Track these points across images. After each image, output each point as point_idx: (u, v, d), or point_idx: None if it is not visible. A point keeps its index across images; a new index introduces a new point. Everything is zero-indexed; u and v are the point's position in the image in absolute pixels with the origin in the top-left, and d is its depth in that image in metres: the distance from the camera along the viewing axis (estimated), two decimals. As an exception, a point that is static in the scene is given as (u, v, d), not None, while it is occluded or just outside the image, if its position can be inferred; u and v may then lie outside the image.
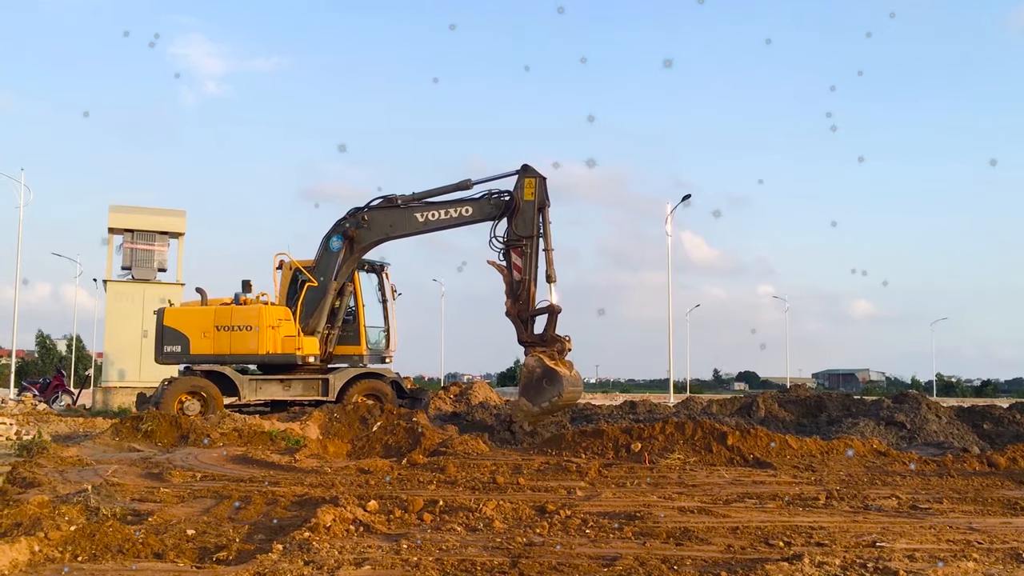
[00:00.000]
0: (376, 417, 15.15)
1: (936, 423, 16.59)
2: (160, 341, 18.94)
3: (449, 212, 18.43)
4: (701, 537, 6.70)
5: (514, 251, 17.86)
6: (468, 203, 18.39)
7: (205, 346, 18.86)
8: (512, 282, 17.73)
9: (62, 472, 10.14)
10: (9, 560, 5.31)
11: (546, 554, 5.98)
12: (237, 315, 18.97)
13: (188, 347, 18.85)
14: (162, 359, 19.03)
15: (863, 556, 5.96)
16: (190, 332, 18.94)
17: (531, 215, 17.88)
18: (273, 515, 7.57)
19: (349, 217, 18.95)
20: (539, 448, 13.52)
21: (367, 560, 5.68)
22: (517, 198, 17.86)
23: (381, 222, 18.78)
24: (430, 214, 18.49)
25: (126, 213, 26.44)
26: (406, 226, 18.74)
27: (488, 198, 18.26)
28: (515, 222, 17.82)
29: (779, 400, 19.94)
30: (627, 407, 20.18)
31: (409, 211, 18.58)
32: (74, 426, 18.50)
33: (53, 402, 27.50)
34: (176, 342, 18.86)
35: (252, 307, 19.01)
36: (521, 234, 17.77)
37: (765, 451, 12.52)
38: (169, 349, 18.88)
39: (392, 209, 18.67)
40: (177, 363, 19.55)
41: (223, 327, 18.90)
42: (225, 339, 18.87)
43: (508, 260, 17.88)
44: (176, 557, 5.81)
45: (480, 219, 18.36)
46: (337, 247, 18.96)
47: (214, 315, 19.03)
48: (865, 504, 8.61)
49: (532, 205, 17.87)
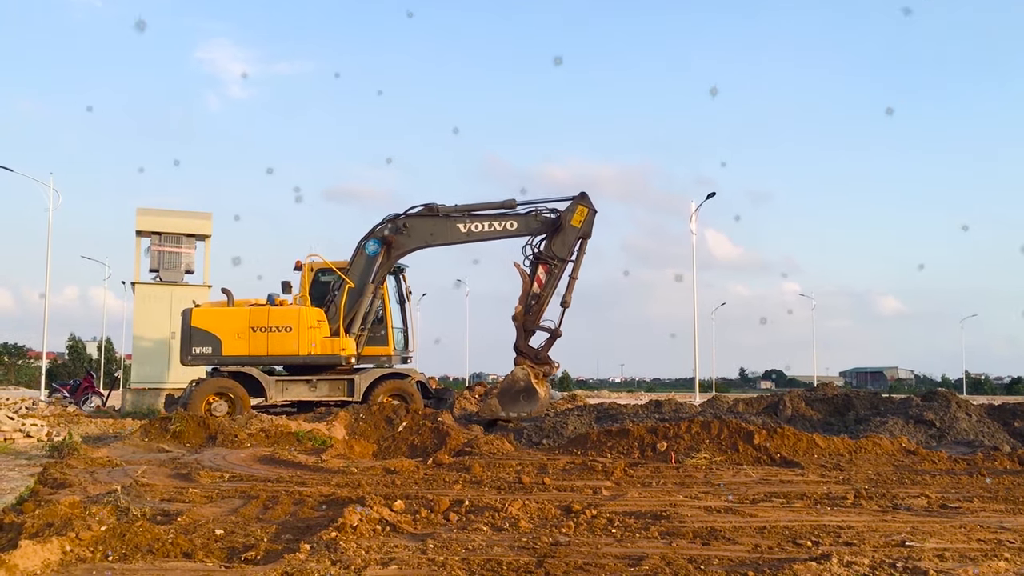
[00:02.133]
0: (402, 417, 15.21)
1: (966, 421, 16.40)
2: (188, 342, 18.86)
3: (493, 225, 19.06)
4: (728, 537, 6.67)
5: (543, 265, 18.65)
6: (513, 217, 19.09)
7: (239, 347, 18.86)
8: (530, 291, 18.51)
9: (92, 473, 10.25)
10: (41, 560, 5.37)
11: (572, 554, 5.97)
12: (275, 316, 19.04)
13: (220, 348, 18.80)
14: (190, 360, 18.94)
15: (892, 556, 5.91)
16: (222, 333, 18.88)
17: (572, 240, 18.72)
18: (300, 515, 7.62)
19: (388, 223, 19.29)
20: (564, 448, 13.52)
21: (394, 560, 5.70)
22: (564, 220, 18.67)
23: (422, 230, 19.20)
24: (473, 225, 19.05)
25: (153, 216, 26.66)
26: (447, 235, 19.24)
27: (535, 215, 19.03)
28: (555, 241, 18.65)
29: (806, 399, 19.77)
30: (652, 406, 20.07)
31: (451, 221, 19.10)
32: (104, 427, 18.69)
33: (83, 403, 27.83)
34: (206, 343, 18.79)
35: (291, 308, 19.16)
36: (557, 254, 18.60)
37: (792, 450, 12.44)
38: (198, 351, 18.79)
39: (433, 218, 19.14)
40: (207, 365, 19.36)
41: (260, 328, 18.91)
42: (262, 340, 18.91)
43: (533, 271, 18.59)
44: (205, 557, 5.86)
45: (524, 234, 19.07)
46: (374, 251, 19.27)
47: (249, 316, 19.02)
48: (894, 503, 8.54)
49: (576, 231, 18.69)
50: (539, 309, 18.67)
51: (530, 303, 18.61)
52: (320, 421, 15.89)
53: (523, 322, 18.58)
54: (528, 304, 18.60)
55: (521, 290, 18.71)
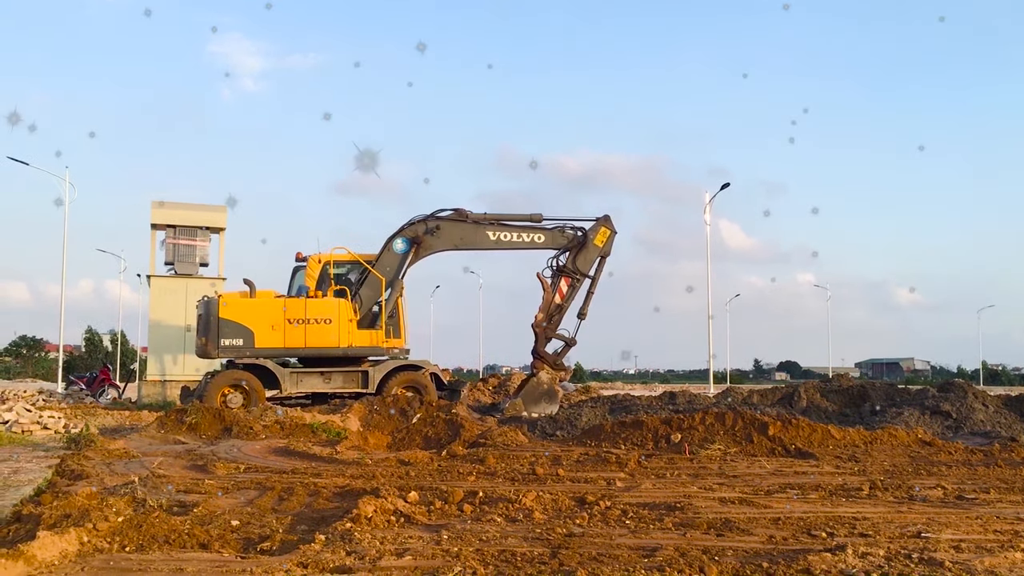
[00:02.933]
0: (416, 409, 15.24)
1: (983, 412, 16.30)
2: (216, 334, 18.53)
3: (522, 236, 20.17)
4: (742, 528, 6.65)
5: (565, 279, 20.15)
6: (542, 231, 20.28)
7: (274, 339, 18.75)
8: (551, 301, 19.93)
9: (109, 464, 10.32)
10: (59, 550, 5.41)
11: (586, 545, 5.98)
12: (313, 308, 19.02)
13: (252, 340, 18.64)
14: (219, 353, 18.67)
15: (908, 547, 5.89)
16: (254, 325, 18.72)
17: (594, 257, 20.28)
18: (315, 506, 7.65)
19: (419, 223, 19.82)
20: (578, 439, 13.51)
21: (408, 551, 5.72)
22: (589, 238, 20.17)
23: (452, 234, 19.90)
24: (503, 235, 20.03)
25: (168, 209, 26.74)
26: (477, 242, 20.12)
27: (562, 230, 20.35)
28: (579, 257, 20.15)
29: (821, 390, 19.69)
30: (666, 398, 20.05)
31: (481, 228, 19.95)
32: (120, 419, 18.82)
33: (99, 396, 28.01)
34: (237, 335, 18.58)
35: (330, 300, 19.21)
36: (580, 268, 20.11)
37: (807, 441, 12.40)
38: (228, 343, 18.55)
39: (464, 223, 19.89)
40: (238, 357, 18.85)
41: (296, 320, 18.87)
42: (299, 332, 18.85)
43: (555, 282, 20.04)
44: (221, 547, 5.89)
45: (549, 247, 20.40)
46: (402, 249, 19.71)
47: (284, 308, 19.00)
48: (910, 494, 8.50)
49: (599, 251, 20.27)
50: (559, 319, 20.06)
51: (551, 313, 19.93)
52: (334, 413, 15.94)
53: (544, 330, 19.89)
54: (550, 314, 19.91)
55: (543, 300, 19.98)
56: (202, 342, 18.96)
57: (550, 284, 20.10)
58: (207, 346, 18.73)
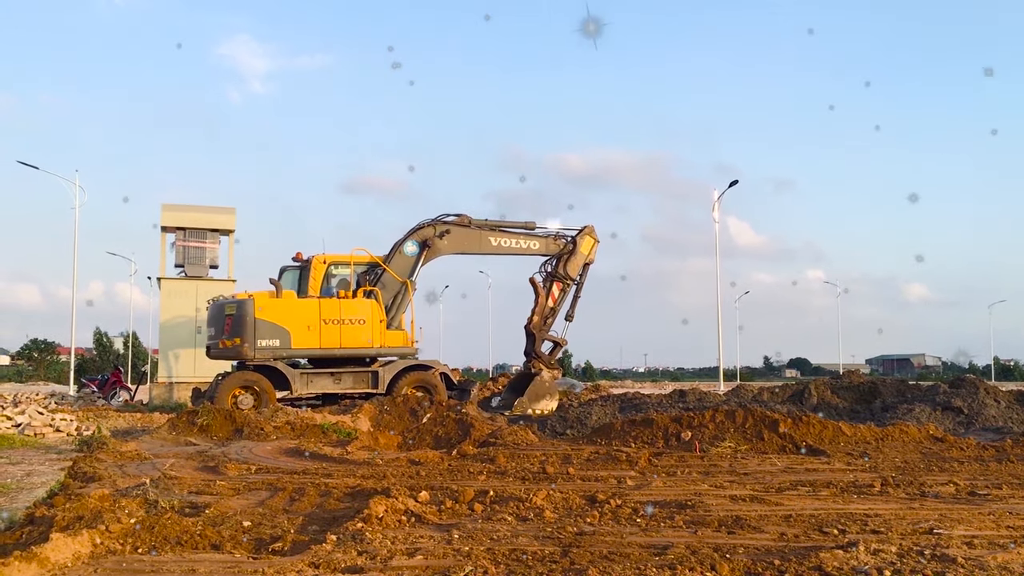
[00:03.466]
0: (426, 409, 15.26)
1: (994, 408, 16.25)
2: (253, 335, 18.37)
3: (520, 242, 21.53)
4: (753, 525, 6.64)
5: (557, 283, 21.71)
6: (537, 239, 21.76)
7: (310, 340, 18.75)
8: (544, 305, 21.53)
9: (121, 466, 10.36)
10: (72, 552, 5.44)
11: (597, 543, 5.97)
12: (347, 308, 19.09)
13: (289, 341, 18.59)
14: (257, 353, 18.47)
15: (920, 543, 5.87)
16: (291, 325, 18.67)
17: (581, 264, 21.94)
18: (326, 506, 7.67)
19: (428, 227, 20.55)
20: (588, 438, 13.51)
21: (419, 550, 5.73)
22: (577, 246, 21.81)
23: (460, 238, 20.86)
24: (503, 240, 21.31)
25: (177, 211, 26.83)
26: (480, 247, 21.26)
27: (554, 238, 21.87)
28: (568, 263, 21.72)
29: (832, 386, 19.66)
30: (676, 395, 20.05)
31: (484, 234, 21.10)
32: (132, 421, 18.89)
33: (111, 398, 28.12)
34: (274, 336, 18.49)
35: (363, 301, 19.32)
36: (569, 274, 21.74)
37: (818, 438, 12.37)
38: (265, 343, 18.45)
39: (470, 229, 20.96)
40: (274, 358, 18.79)
41: (333, 320, 18.87)
42: (335, 333, 18.86)
43: (548, 287, 21.63)
44: (233, 548, 5.91)
45: (543, 254, 21.86)
46: (413, 252, 20.28)
47: (319, 308, 18.96)
48: (922, 491, 8.47)
49: (584, 257, 21.95)
50: (552, 321, 21.84)
51: (545, 316, 21.62)
52: (345, 413, 15.98)
53: (538, 331, 21.49)
54: (544, 316, 21.59)
55: (537, 303, 21.47)
56: (236, 343, 18.55)
57: (543, 288, 21.50)
58: (243, 347, 18.46)
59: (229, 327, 18.71)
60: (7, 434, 14.70)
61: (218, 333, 19.07)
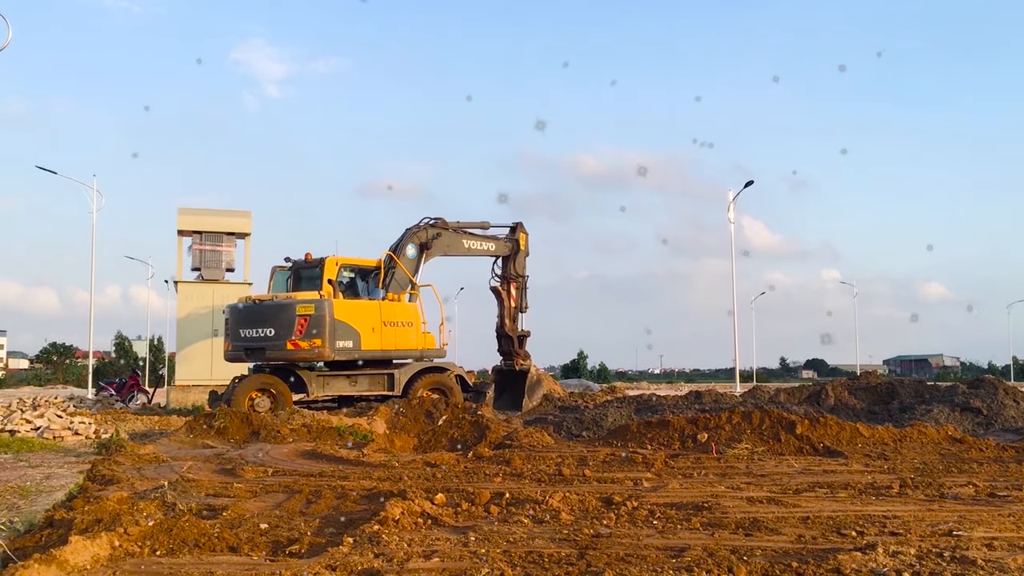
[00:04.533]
0: (442, 411, 15.27)
1: (1014, 408, 16.10)
2: (332, 336, 18.35)
3: (484, 244, 22.58)
4: (771, 527, 6.61)
5: (513, 284, 23.06)
6: (494, 240, 22.79)
7: (374, 341, 19.05)
8: (510, 307, 22.90)
9: (139, 469, 10.42)
10: (91, 555, 5.47)
11: (613, 545, 5.96)
12: (398, 311, 19.47)
13: (359, 342, 18.82)
14: (335, 354, 18.53)
15: (939, 545, 5.82)
16: (361, 327, 18.91)
17: (524, 259, 23.34)
18: (343, 509, 7.68)
19: (422, 230, 21.05)
20: (604, 440, 13.49)
21: (436, 552, 5.73)
22: (519, 244, 23.14)
23: (445, 241, 21.42)
24: (472, 243, 22.27)
25: (194, 215, 26.95)
26: (458, 249, 21.96)
27: (504, 240, 22.95)
28: (515, 262, 23.08)
29: (849, 387, 19.53)
30: (692, 397, 19.98)
31: (459, 236, 21.89)
32: (150, 424, 18.97)
33: (129, 401, 28.27)
34: (348, 337, 18.65)
35: (409, 304, 19.76)
36: (519, 272, 23.16)
37: (835, 440, 12.31)
38: (341, 344, 18.57)
39: (451, 232, 21.65)
40: (348, 358, 19.03)
41: (390, 323, 19.28)
42: (391, 335, 19.27)
43: (507, 289, 22.92)
44: (250, 550, 5.93)
45: (497, 255, 23.00)
46: (413, 255, 20.60)
47: (380, 310, 19.24)
48: (941, 492, 8.41)
49: (525, 253, 23.28)
50: (517, 318, 23.26)
51: (514, 316, 23.05)
52: (361, 416, 16.00)
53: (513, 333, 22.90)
54: (513, 318, 23.04)
55: (504, 308, 22.94)
56: (317, 344, 18.27)
57: (504, 292, 22.94)
58: (324, 348, 18.30)
59: (303, 328, 18.30)
60: (26, 437, 14.82)
61: (282, 333, 18.51)
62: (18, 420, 15.95)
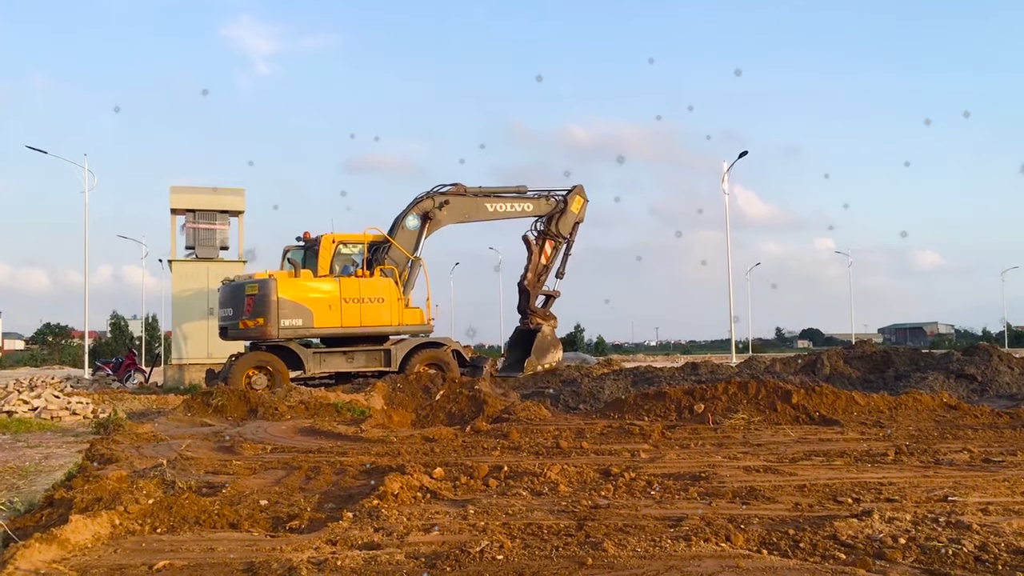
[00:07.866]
0: (439, 386, 15.30)
1: (1008, 374, 16.20)
2: (276, 315, 18.19)
3: (514, 206, 22.36)
4: (768, 496, 6.66)
5: (549, 241, 22.88)
6: (530, 200, 22.64)
7: (331, 319, 18.77)
8: (538, 263, 22.74)
9: (138, 448, 10.43)
10: (92, 533, 5.49)
11: (612, 516, 6.00)
12: (366, 287, 19.11)
13: (311, 320, 18.56)
14: (280, 333, 18.32)
15: (935, 511, 5.87)
16: (313, 305, 18.64)
17: (572, 222, 23.12)
18: (342, 484, 7.71)
19: (427, 200, 20.85)
20: (601, 412, 13.54)
21: (435, 526, 5.76)
22: (568, 205, 22.98)
23: (459, 208, 21.28)
24: (499, 206, 22.07)
25: (187, 194, 26.79)
26: (479, 214, 21.77)
27: (546, 198, 22.81)
28: (559, 222, 22.88)
29: (844, 356, 19.62)
30: (689, 368, 20.07)
31: (480, 201, 21.71)
32: (147, 403, 18.97)
33: (126, 380, 28.29)
34: (296, 315, 18.40)
35: (381, 280, 19.35)
36: (561, 232, 22.93)
37: (831, 408, 12.37)
38: (288, 323, 18.34)
39: (468, 197, 21.46)
40: (297, 337, 18.78)
41: (352, 299, 18.86)
42: (355, 311, 18.88)
43: (540, 245, 22.80)
44: (251, 527, 5.95)
45: (537, 215, 22.85)
46: (415, 226, 20.54)
47: (340, 287, 18.91)
48: (936, 459, 8.47)
49: (575, 216, 23.13)
50: (545, 278, 22.95)
51: (539, 273, 22.74)
52: (358, 392, 16.02)
53: (532, 287, 22.73)
54: (538, 273, 22.76)
55: (531, 261, 22.78)
56: (259, 323, 18.33)
57: (536, 246, 22.61)
58: (266, 327, 18.28)
59: (251, 307, 18.42)
60: (24, 418, 14.82)
61: (237, 313, 18.81)
62: (15, 401, 15.93)
